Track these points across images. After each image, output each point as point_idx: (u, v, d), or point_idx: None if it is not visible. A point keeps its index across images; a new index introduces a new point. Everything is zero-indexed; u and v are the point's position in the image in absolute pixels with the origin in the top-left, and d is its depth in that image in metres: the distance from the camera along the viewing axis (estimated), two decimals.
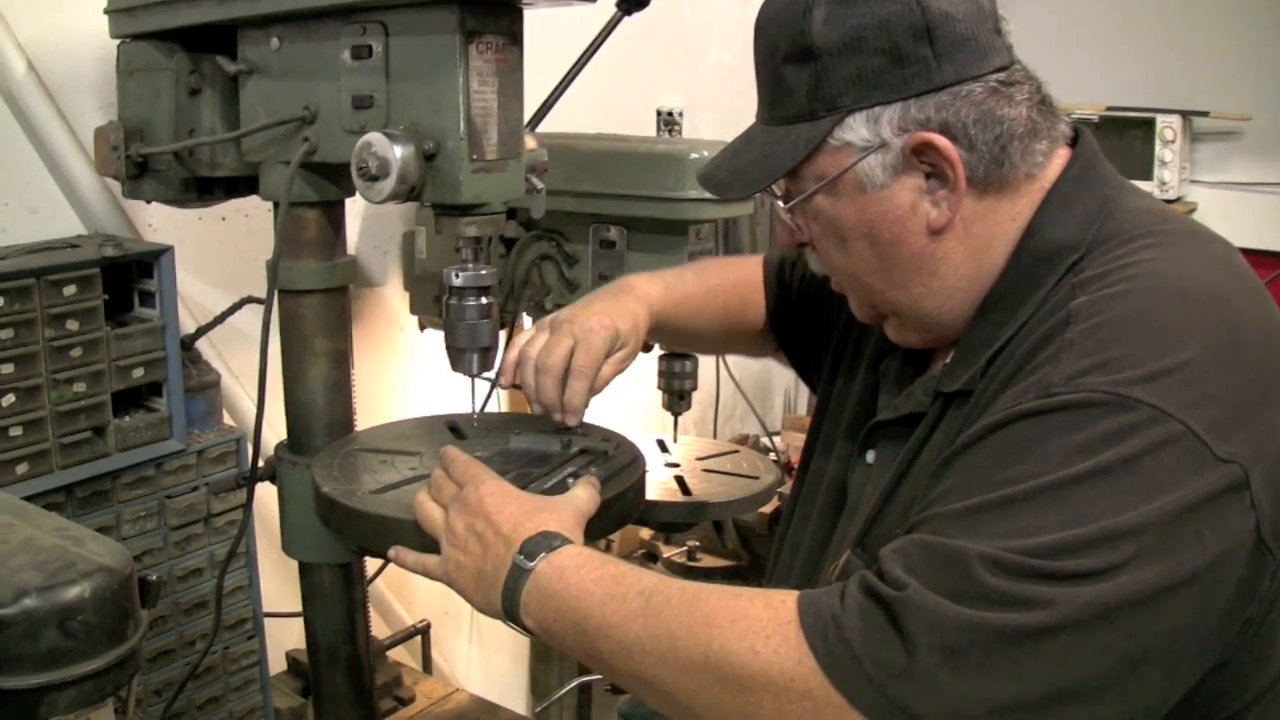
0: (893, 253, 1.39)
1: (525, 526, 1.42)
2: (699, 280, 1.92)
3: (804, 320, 1.89)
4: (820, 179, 1.39)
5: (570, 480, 1.64)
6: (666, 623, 1.22)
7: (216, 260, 2.43)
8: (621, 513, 1.68)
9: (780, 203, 1.46)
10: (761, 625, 1.16)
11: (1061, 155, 1.41)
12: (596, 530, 1.55)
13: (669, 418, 2.44)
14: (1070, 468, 1.11)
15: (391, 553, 1.58)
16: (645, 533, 3.18)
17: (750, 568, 2.94)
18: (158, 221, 2.30)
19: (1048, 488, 1.11)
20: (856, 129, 1.35)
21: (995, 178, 1.36)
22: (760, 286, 1.95)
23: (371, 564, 2.17)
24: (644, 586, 1.27)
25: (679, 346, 2.20)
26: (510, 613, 1.38)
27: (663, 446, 2.46)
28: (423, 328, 2.81)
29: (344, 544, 1.84)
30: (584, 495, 1.55)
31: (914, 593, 1.10)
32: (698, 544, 2.99)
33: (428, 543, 1.54)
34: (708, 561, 2.96)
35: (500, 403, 2.93)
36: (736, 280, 1.96)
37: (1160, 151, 4.41)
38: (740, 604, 1.19)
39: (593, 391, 1.70)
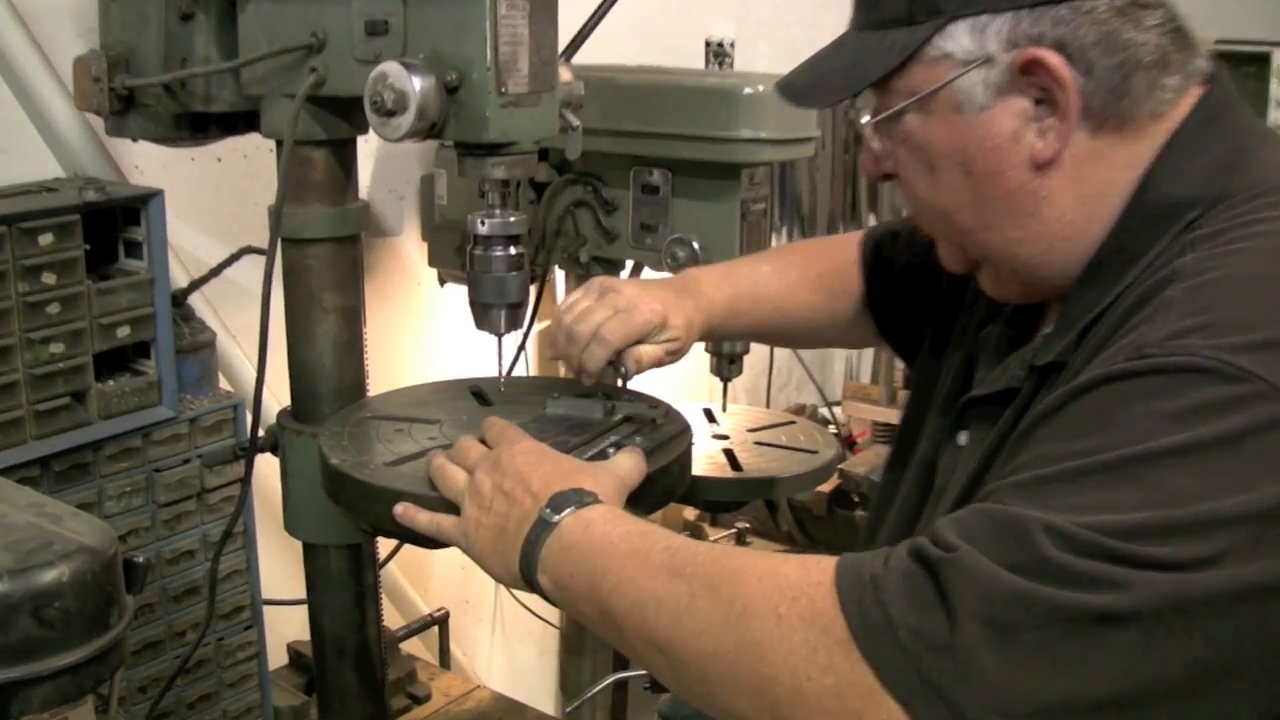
0: (988, 186, 1.35)
1: (558, 484, 1.44)
2: (778, 276, 1.93)
3: (909, 296, 1.86)
4: (912, 94, 1.36)
5: (611, 450, 1.66)
6: (688, 579, 1.21)
7: (212, 206, 2.43)
8: (666, 488, 1.69)
9: (865, 117, 1.43)
10: (790, 584, 1.14)
11: (1193, 95, 1.36)
12: (638, 507, 1.56)
13: (717, 384, 2.45)
14: (1157, 440, 1.07)
15: (399, 509, 1.59)
16: (690, 512, 3.22)
17: (807, 553, 2.93)
18: (145, 163, 2.30)
19: (1129, 460, 1.07)
20: (959, 39, 1.32)
21: (1114, 112, 1.32)
22: (852, 270, 1.94)
23: (384, 546, 2.20)
24: (672, 543, 1.28)
25: (754, 339, 2.23)
26: (527, 572, 1.40)
27: (710, 416, 2.48)
28: (443, 281, 2.84)
29: (354, 523, 1.85)
30: (628, 464, 1.56)
31: (964, 554, 1.07)
32: (748, 525, 3.03)
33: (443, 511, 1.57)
34: (759, 545, 2.99)
35: (529, 365, 2.95)
36: (821, 271, 1.95)
37: (1276, 90, 4.36)
38: (773, 563, 1.18)
39: (625, 370, 1.74)
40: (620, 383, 1.86)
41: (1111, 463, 1.08)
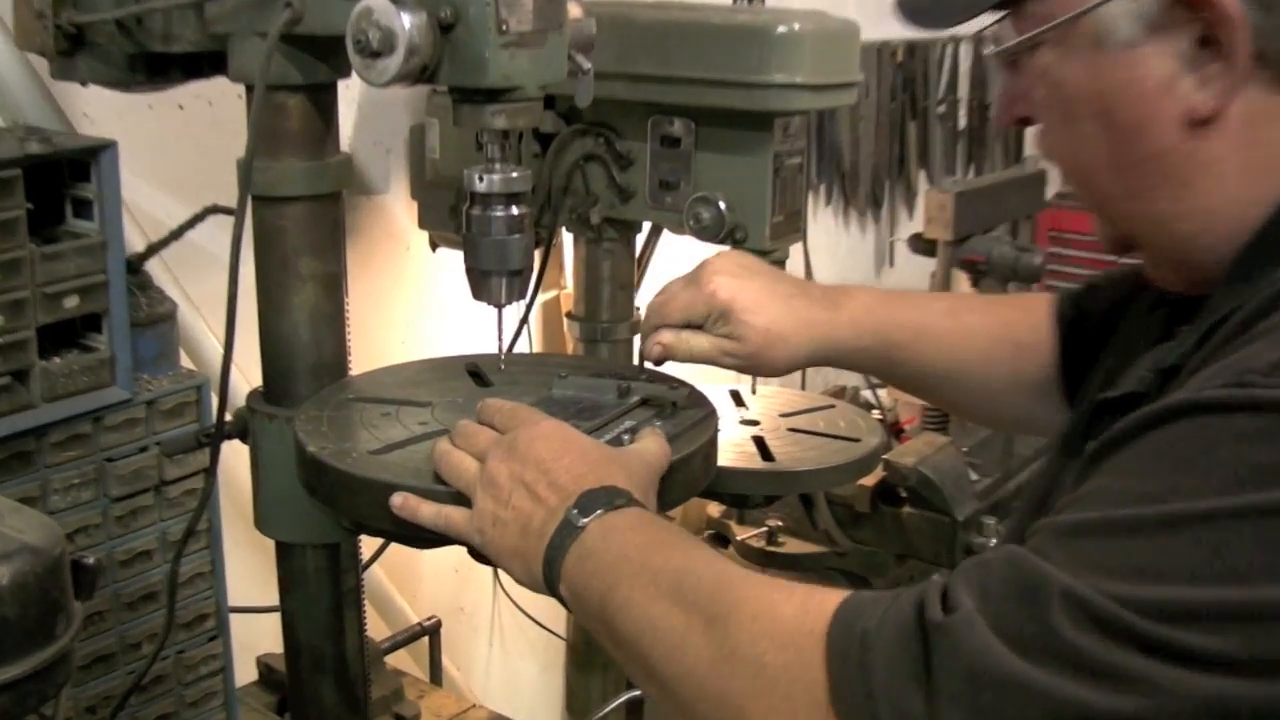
0: (1133, 144, 1.28)
1: (588, 479, 1.45)
2: (952, 316, 1.87)
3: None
4: (1048, 20, 1.30)
5: (627, 437, 1.67)
6: (688, 609, 1.24)
7: (172, 159, 2.45)
8: (688, 481, 1.70)
9: (993, 47, 1.38)
10: (783, 630, 1.15)
11: None
12: (658, 502, 1.59)
13: None
14: (1236, 496, 1.00)
15: (398, 500, 1.59)
16: (714, 508, 3.24)
17: (848, 556, 2.95)
18: (96, 110, 2.31)
19: (1194, 517, 1.01)
20: None
21: None
22: (1044, 325, 1.83)
23: (368, 545, 2.20)
24: (684, 562, 1.30)
25: (911, 391, 2.16)
26: (550, 580, 1.42)
27: (738, 399, 2.48)
28: (435, 246, 2.85)
29: (334, 519, 1.86)
30: (654, 448, 1.58)
31: (962, 619, 1.04)
32: (780, 524, 3.06)
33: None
34: (793, 546, 3.02)
35: (532, 340, 2.97)
36: (1009, 320, 1.87)
37: None
38: (774, 598, 1.19)
39: (645, 348, 1.81)
40: (642, 363, 1.87)
41: (1174, 516, 1.02)
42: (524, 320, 2.73)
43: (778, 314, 1.78)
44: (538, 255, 2.46)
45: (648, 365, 1.89)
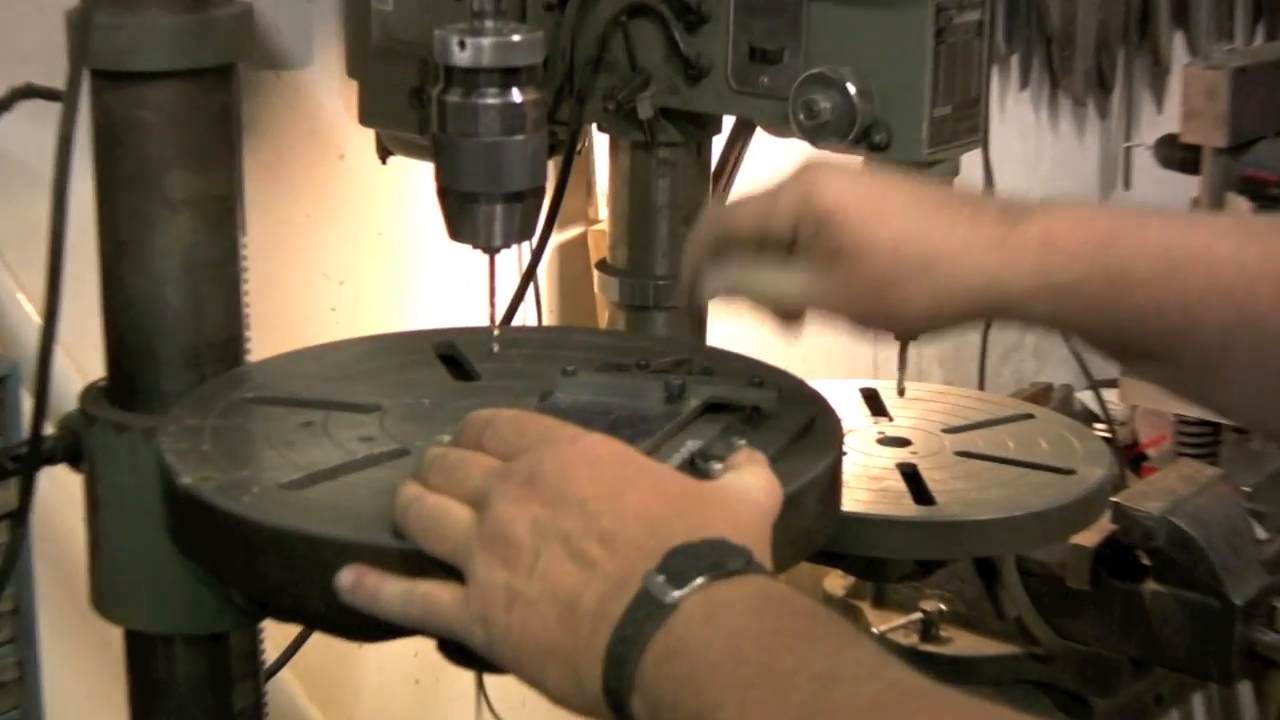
0: None
1: (675, 528, 1.43)
2: (1239, 237, 1.80)
3: None
4: None
5: (700, 461, 1.67)
6: None
7: None
8: (795, 534, 1.69)
9: None
10: None
11: None
12: None
13: (884, 344, 2.44)
14: None
15: (347, 579, 1.57)
16: (835, 580, 3.27)
17: (1053, 661, 2.99)
18: None
19: None
20: None
21: None
22: None
23: (275, 638, 2.25)
24: (831, 665, 1.31)
25: (1162, 380, 2.05)
26: (615, 690, 1.40)
27: (874, 403, 2.55)
28: (386, 154, 2.85)
29: (220, 595, 1.88)
30: (758, 482, 1.57)
31: None
32: (943, 606, 3.09)
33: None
34: (963, 643, 3.04)
35: (543, 307, 3.04)
36: None
37: None
38: None
39: (687, 290, 1.83)
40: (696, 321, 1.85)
41: None
42: (530, 274, 2.75)
43: (913, 225, 1.75)
44: (552, 170, 2.43)
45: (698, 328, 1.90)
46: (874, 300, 1.78)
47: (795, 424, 1.80)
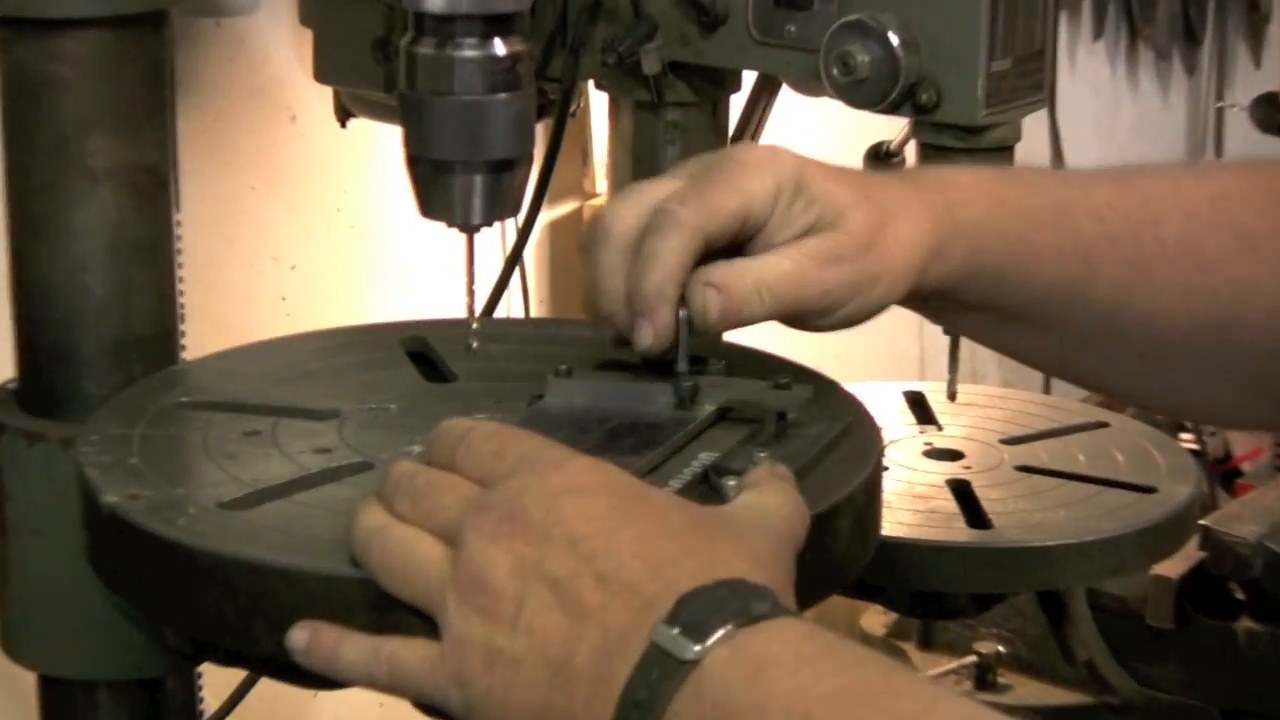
0: None
1: (683, 567, 1.41)
2: (1167, 179, 1.92)
3: None
4: None
5: (714, 476, 1.67)
6: None
7: None
8: (827, 562, 1.69)
9: None
10: None
11: None
12: None
13: (930, 340, 2.46)
14: None
15: (299, 639, 1.55)
16: (875, 617, 3.33)
17: (1131, 713, 3.02)
18: None
19: None
20: None
21: None
22: None
23: (215, 685, 2.25)
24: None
25: (1044, 366, 2.25)
26: None
27: (920, 409, 2.63)
28: (346, 116, 2.90)
29: (150, 631, 1.89)
30: (782, 505, 1.56)
31: None
32: (1001, 648, 3.11)
33: (386, 621, 1.54)
34: (1025, 691, 3.10)
35: (530, 295, 3.17)
36: (1227, 193, 1.96)
37: None
38: None
39: (691, 308, 1.77)
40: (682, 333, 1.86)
41: None
42: (515, 256, 2.74)
43: (863, 179, 1.84)
44: (541, 135, 2.40)
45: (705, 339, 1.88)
46: (867, 249, 1.81)
47: (827, 433, 1.79)
